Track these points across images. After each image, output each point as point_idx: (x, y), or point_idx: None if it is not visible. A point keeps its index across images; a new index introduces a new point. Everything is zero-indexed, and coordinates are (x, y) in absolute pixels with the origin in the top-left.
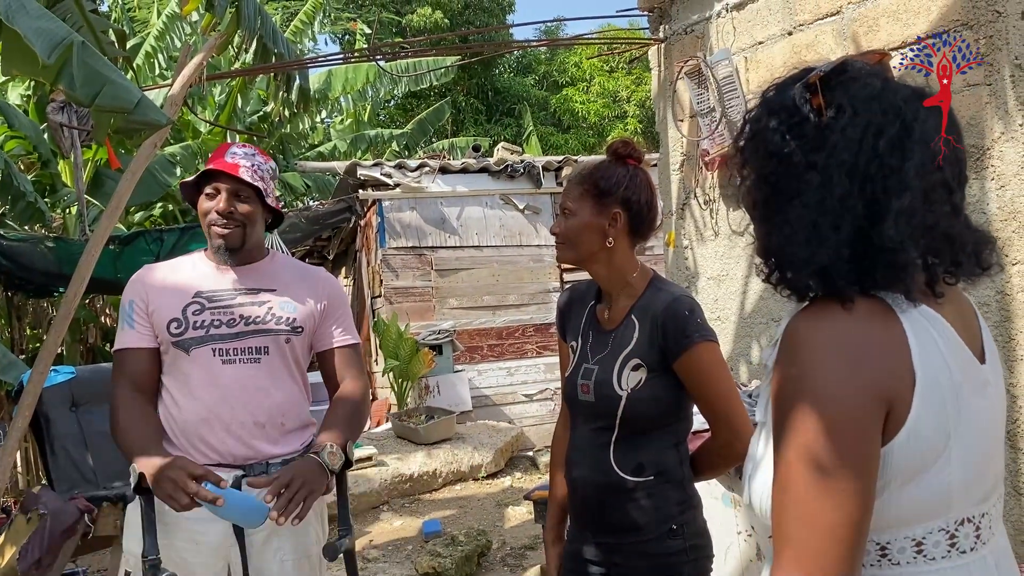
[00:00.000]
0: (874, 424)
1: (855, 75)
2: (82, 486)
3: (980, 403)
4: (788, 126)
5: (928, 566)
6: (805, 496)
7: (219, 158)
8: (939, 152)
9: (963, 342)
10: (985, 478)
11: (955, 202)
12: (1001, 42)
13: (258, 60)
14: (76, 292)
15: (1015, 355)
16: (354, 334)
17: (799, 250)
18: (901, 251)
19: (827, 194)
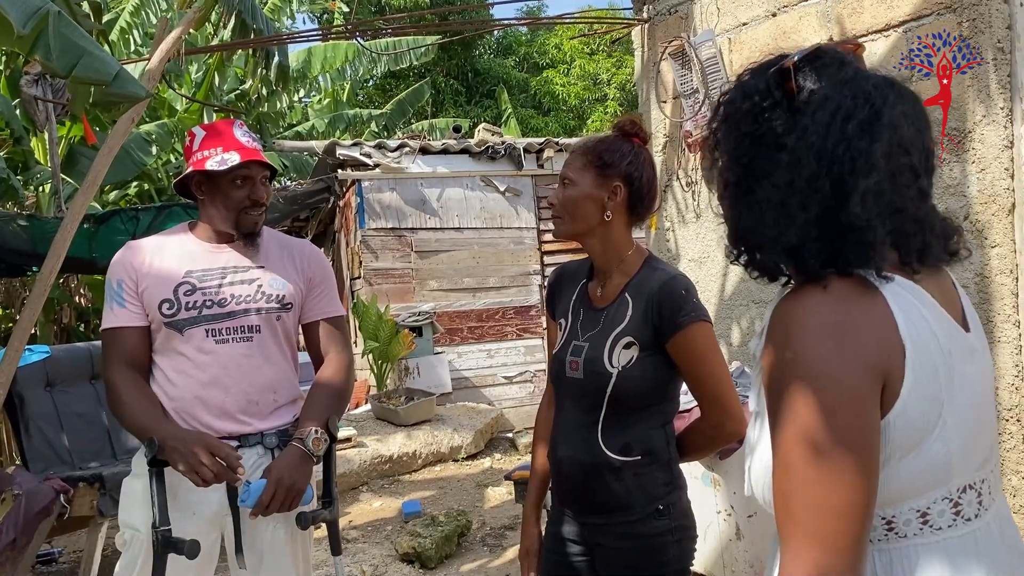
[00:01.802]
0: (872, 399)
1: (828, 62)
2: (57, 466)
3: (970, 369)
4: (761, 109)
5: (935, 536)
6: (810, 478)
7: (234, 142)
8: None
9: (946, 312)
10: (982, 443)
11: (921, 186)
12: (984, 25)
13: (236, 36)
14: (51, 271)
15: (993, 337)
16: (338, 306)
17: (768, 230)
18: (868, 229)
19: (796, 175)
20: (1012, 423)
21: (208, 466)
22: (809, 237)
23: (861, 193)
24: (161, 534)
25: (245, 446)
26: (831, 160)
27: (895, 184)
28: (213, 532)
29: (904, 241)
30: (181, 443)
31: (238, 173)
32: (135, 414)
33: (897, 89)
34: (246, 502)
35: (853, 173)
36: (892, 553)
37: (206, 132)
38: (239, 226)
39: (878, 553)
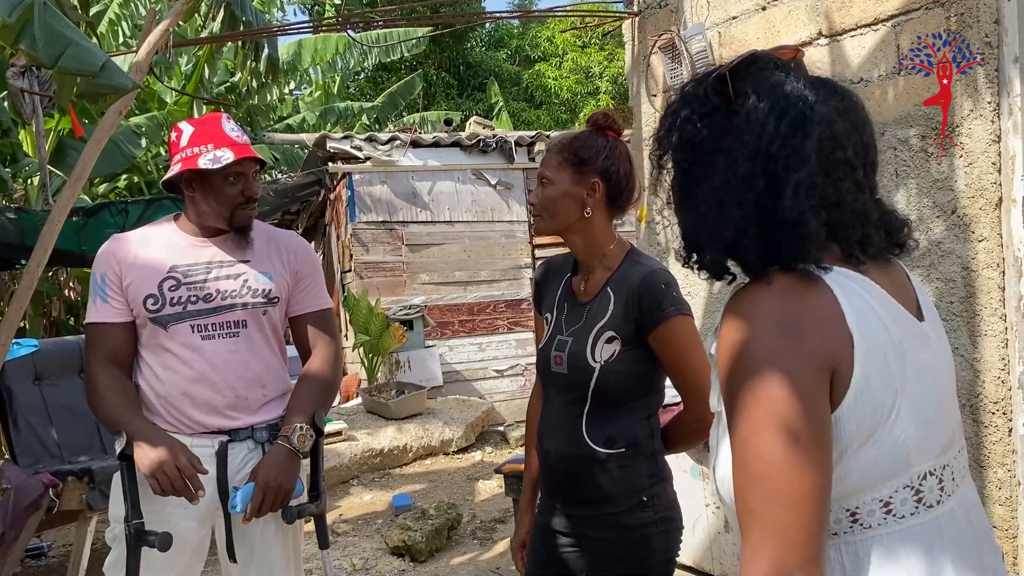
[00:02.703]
0: (822, 391)
1: (763, 66)
2: (46, 460)
3: (924, 357)
4: (700, 115)
5: (899, 525)
6: (766, 472)
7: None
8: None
9: (896, 301)
10: (941, 430)
11: (858, 179)
12: (972, 20)
13: (225, 28)
14: (38, 264)
15: (979, 330)
16: (326, 298)
17: (707, 230)
18: (802, 222)
19: (731, 174)
20: (998, 416)
21: (170, 478)
22: (747, 234)
23: (793, 187)
24: (133, 527)
25: (235, 440)
26: (765, 158)
27: (830, 178)
28: (204, 527)
29: (844, 233)
30: (149, 446)
31: (232, 170)
32: (109, 408)
33: (830, 87)
34: (236, 508)
35: (787, 169)
36: (859, 545)
37: (195, 128)
38: (233, 222)
39: (845, 546)
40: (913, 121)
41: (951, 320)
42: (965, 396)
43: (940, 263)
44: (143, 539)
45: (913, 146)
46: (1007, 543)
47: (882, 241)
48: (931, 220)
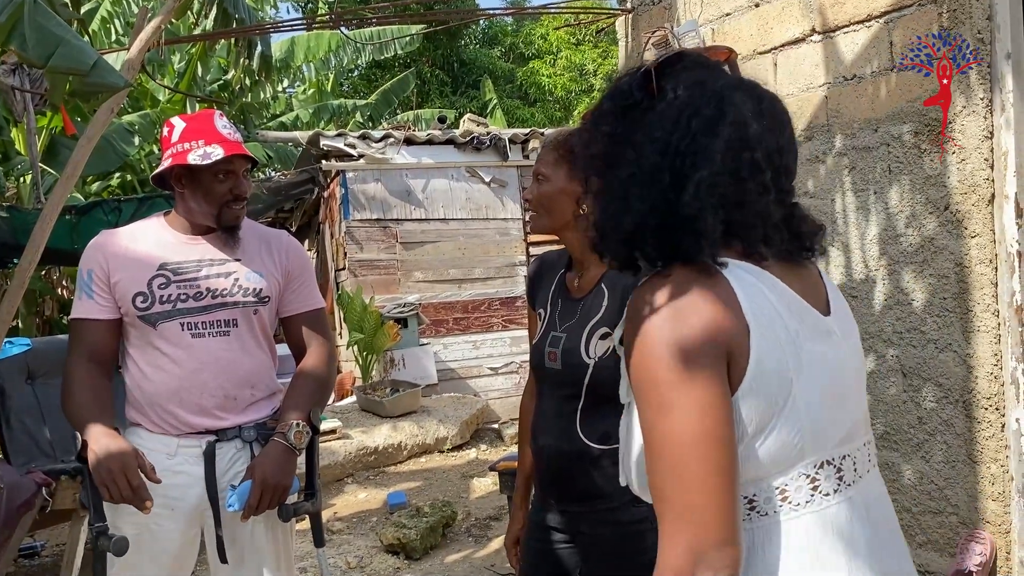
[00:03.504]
0: (720, 376)
1: (688, 65)
2: (39, 459)
3: (823, 349)
4: (620, 109)
5: (795, 512)
6: (675, 456)
7: (216, 134)
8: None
9: (797, 295)
10: (840, 421)
11: (764, 181)
12: (964, 16)
13: (218, 26)
14: (30, 262)
15: (972, 326)
16: (318, 298)
17: (611, 219)
18: (699, 219)
19: (638, 168)
20: (991, 411)
21: (119, 488)
22: (648, 227)
23: (694, 184)
24: (95, 531)
25: (223, 440)
26: (673, 154)
27: (735, 178)
28: (192, 527)
29: (745, 232)
30: (102, 453)
31: (221, 167)
32: (74, 408)
33: (751, 91)
34: (234, 507)
35: (692, 166)
36: (755, 532)
37: (186, 124)
38: (221, 220)
39: (743, 532)
40: (906, 117)
41: (944, 316)
42: (958, 392)
43: (933, 259)
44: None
45: (906, 142)
46: (1000, 538)
47: (785, 242)
48: (924, 216)
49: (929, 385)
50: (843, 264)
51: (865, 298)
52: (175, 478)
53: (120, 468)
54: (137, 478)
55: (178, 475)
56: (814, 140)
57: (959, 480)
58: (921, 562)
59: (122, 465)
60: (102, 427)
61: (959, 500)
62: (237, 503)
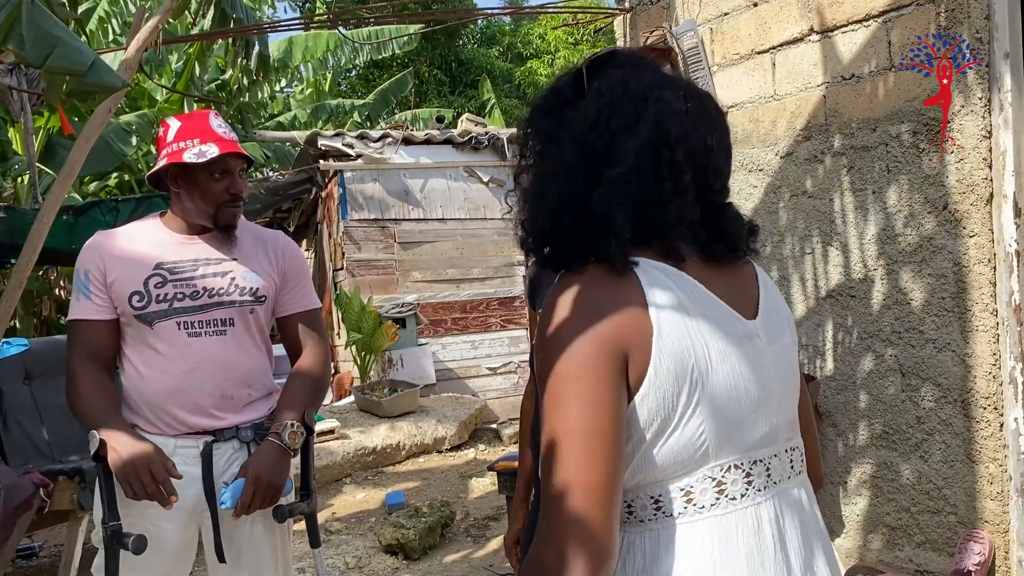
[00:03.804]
0: (614, 376)
1: (619, 64)
2: (37, 460)
3: (739, 352)
4: (552, 106)
5: (700, 514)
6: (559, 457)
7: (211, 133)
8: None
9: (717, 298)
10: (752, 426)
11: (683, 181)
12: (963, 15)
13: (216, 25)
14: (28, 262)
15: (970, 326)
16: (314, 298)
17: (528, 215)
18: (609, 217)
19: (558, 165)
20: (989, 411)
21: (142, 483)
22: (561, 224)
23: (605, 182)
24: (110, 529)
25: (220, 440)
26: (590, 152)
27: (652, 177)
28: (190, 528)
29: (661, 232)
30: (126, 452)
31: (217, 166)
32: (86, 408)
33: (676, 90)
34: (226, 504)
35: (608, 165)
36: (660, 532)
37: (182, 123)
38: (217, 219)
39: (648, 532)
40: (904, 117)
41: (943, 316)
42: (957, 391)
43: (931, 259)
44: (119, 541)
45: (904, 142)
46: (999, 537)
47: (709, 242)
48: (922, 216)
49: (928, 385)
50: (842, 264)
51: (863, 298)
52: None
53: (145, 465)
54: (163, 474)
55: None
56: (812, 140)
57: (957, 480)
58: (920, 562)
59: (147, 462)
60: (120, 426)
61: (957, 500)
62: (230, 500)
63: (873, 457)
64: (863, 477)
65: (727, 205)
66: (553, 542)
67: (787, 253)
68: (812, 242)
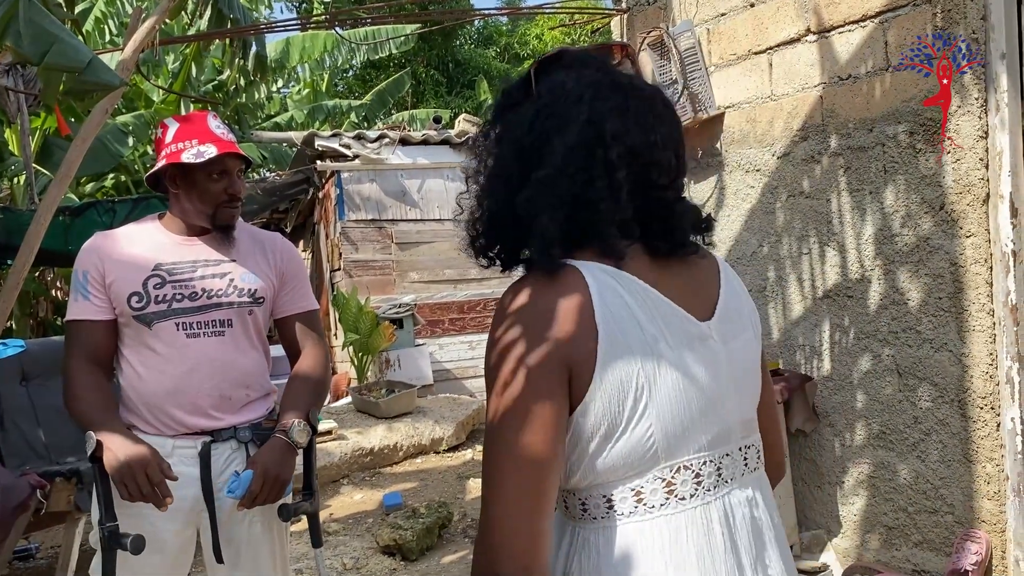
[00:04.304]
0: (554, 387)
1: (566, 63)
2: (34, 461)
3: (690, 353)
4: (502, 108)
5: (650, 514)
6: (494, 462)
7: (209, 134)
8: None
9: (667, 299)
10: (702, 427)
11: (617, 179)
12: (959, 16)
13: (213, 26)
14: (24, 263)
15: (967, 326)
16: (312, 300)
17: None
18: (536, 219)
19: (498, 168)
20: (986, 411)
21: (137, 484)
22: (501, 225)
23: (532, 184)
24: (107, 530)
25: (218, 440)
26: (525, 154)
27: (586, 177)
28: (188, 528)
29: (596, 231)
30: (123, 453)
31: (215, 166)
32: (83, 408)
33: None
34: (235, 492)
35: (536, 166)
36: (613, 530)
37: (180, 124)
38: (216, 220)
39: (602, 530)
40: (901, 117)
41: (940, 316)
42: (954, 391)
43: (928, 259)
44: (116, 541)
45: (901, 142)
46: (996, 537)
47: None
48: (919, 216)
49: (925, 385)
50: (839, 264)
51: (860, 298)
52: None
53: (141, 467)
54: (158, 476)
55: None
56: (809, 140)
57: (955, 479)
58: (917, 561)
59: (143, 464)
60: (117, 427)
61: (955, 499)
62: (239, 489)
63: (870, 457)
64: (860, 477)
65: (678, 200)
66: (481, 550)
67: (784, 253)
68: (809, 242)
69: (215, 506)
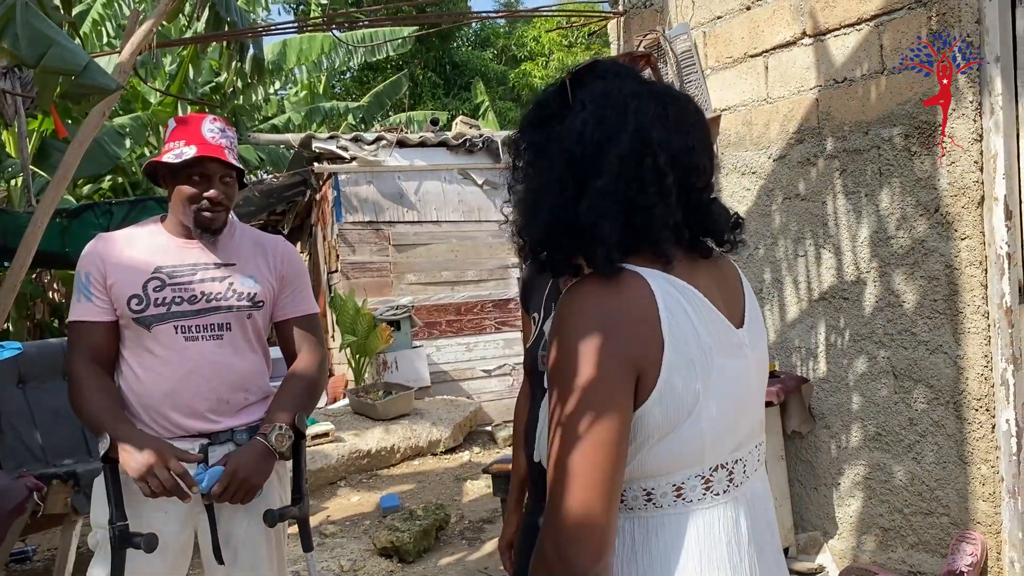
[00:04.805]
0: (624, 388)
1: (600, 74)
2: (30, 464)
3: (732, 363)
4: (540, 119)
5: (687, 507)
6: (563, 456)
7: (198, 136)
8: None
9: (716, 308)
10: (738, 430)
11: (666, 185)
12: (953, 20)
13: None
14: (21, 265)
15: (962, 328)
16: (312, 303)
17: (526, 226)
18: (595, 226)
19: (548, 178)
20: (981, 412)
21: (161, 480)
22: (558, 233)
23: (591, 193)
24: (118, 529)
25: (215, 443)
26: (577, 164)
27: (635, 184)
28: (186, 530)
29: (649, 236)
30: (136, 449)
31: (194, 168)
32: (93, 409)
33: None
34: (203, 482)
35: (595, 175)
36: (649, 520)
37: (176, 124)
38: (195, 222)
39: (639, 520)
40: (896, 120)
41: (935, 318)
42: (949, 393)
43: (924, 261)
44: (128, 541)
45: (896, 145)
46: (991, 538)
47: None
48: (914, 218)
49: (920, 386)
50: (834, 266)
51: (856, 300)
52: None
53: (162, 462)
54: (180, 467)
55: None
56: (805, 143)
57: (950, 481)
58: (913, 563)
59: (164, 459)
60: (128, 427)
61: (950, 501)
62: (205, 481)
63: (866, 459)
64: (856, 479)
65: (712, 201)
66: (553, 537)
67: (780, 255)
68: (805, 244)
69: (214, 508)
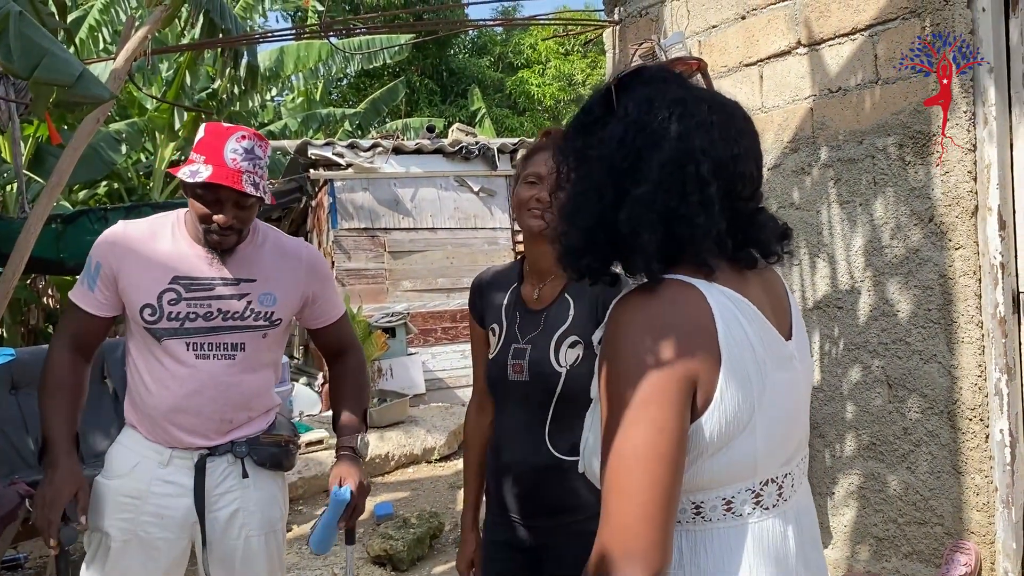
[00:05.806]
0: (681, 402)
1: (645, 80)
2: (22, 470)
3: (784, 376)
4: (584, 124)
5: (736, 521)
6: (620, 471)
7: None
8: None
9: (768, 321)
10: (788, 443)
11: (709, 194)
12: (947, 29)
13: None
14: (15, 271)
15: (956, 337)
16: (340, 304)
17: (562, 232)
18: (634, 235)
19: (589, 184)
20: (975, 422)
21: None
22: (596, 242)
23: (630, 201)
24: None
25: (215, 455)
26: (618, 171)
27: (677, 193)
28: (182, 539)
29: (692, 245)
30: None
31: (207, 192)
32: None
33: (700, 102)
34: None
35: (635, 183)
36: (698, 534)
37: (205, 135)
38: (205, 240)
39: (686, 533)
40: (891, 130)
41: (929, 327)
42: (943, 403)
43: (918, 271)
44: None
45: (891, 154)
46: (985, 548)
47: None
48: (908, 228)
49: (914, 396)
50: (828, 275)
51: (850, 309)
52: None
53: (52, 501)
54: (56, 516)
55: (169, 484)
56: (800, 152)
57: (944, 491)
58: (907, 572)
59: (53, 498)
60: (65, 443)
61: (944, 511)
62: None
63: (860, 468)
64: (850, 488)
65: (759, 210)
66: (610, 554)
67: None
68: (799, 254)
69: (207, 518)
